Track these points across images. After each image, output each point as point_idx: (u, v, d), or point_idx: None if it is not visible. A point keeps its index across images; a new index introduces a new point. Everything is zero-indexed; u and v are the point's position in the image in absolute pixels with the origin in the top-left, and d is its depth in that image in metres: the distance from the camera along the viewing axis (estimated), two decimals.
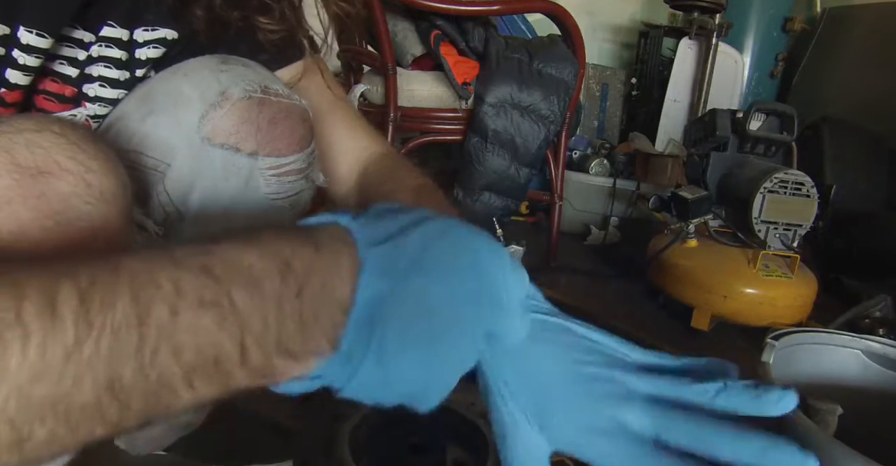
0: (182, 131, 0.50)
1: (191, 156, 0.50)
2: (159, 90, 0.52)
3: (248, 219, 0.53)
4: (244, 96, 0.50)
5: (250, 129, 0.50)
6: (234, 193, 0.52)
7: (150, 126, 0.50)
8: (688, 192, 1.40)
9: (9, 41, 0.44)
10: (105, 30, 0.52)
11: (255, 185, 0.52)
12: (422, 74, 1.53)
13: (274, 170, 0.52)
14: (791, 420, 0.61)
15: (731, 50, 2.49)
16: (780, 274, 1.33)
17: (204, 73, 0.52)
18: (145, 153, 0.50)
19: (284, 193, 0.54)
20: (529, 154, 1.53)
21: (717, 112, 1.46)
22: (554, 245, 1.73)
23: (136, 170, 0.50)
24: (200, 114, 0.50)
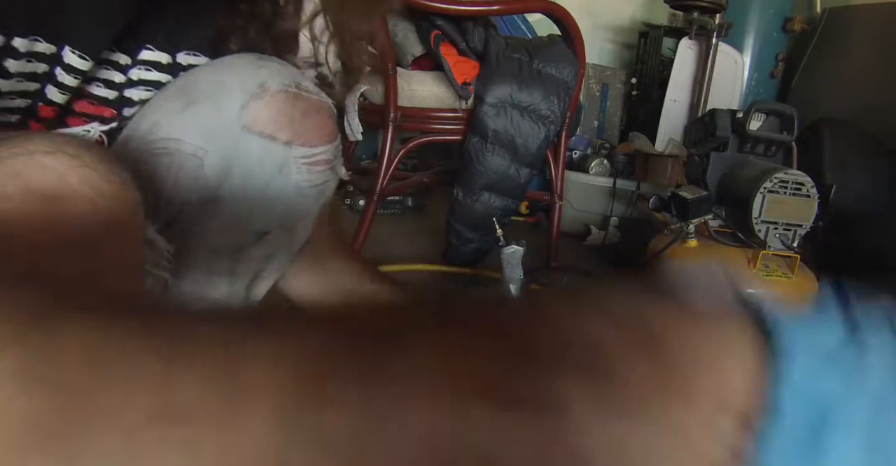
0: (222, 119, 0.52)
1: (230, 142, 0.53)
2: (199, 82, 0.54)
3: (277, 204, 0.56)
4: (282, 89, 0.53)
5: (286, 120, 0.53)
6: (268, 179, 0.54)
7: (191, 115, 0.52)
8: (688, 192, 1.40)
9: (54, 60, 0.46)
10: (144, 53, 0.54)
11: (288, 173, 0.55)
12: (422, 74, 1.53)
13: (306, 158, 0.55)
14: None
15: (731, 50, 2.49)
16: (780, 274, 1.33)
17: (244, 66, 0.54)
18: (185, 140, 0.52)
19: (313, 182, 0.57)
20: (529, 154, 1.53)
21: (717, 112, 1.46)
22: (554, 245, 1.73)
23: (174, 156, 0.52)
24: (241, 103, 0.52)
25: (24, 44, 0.43)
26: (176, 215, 0.54)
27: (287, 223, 0.59)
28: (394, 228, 1.98)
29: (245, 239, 0.57)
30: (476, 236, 1.60)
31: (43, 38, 0.44)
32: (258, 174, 0.54)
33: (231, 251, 0.57)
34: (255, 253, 0.59)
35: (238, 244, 0.57)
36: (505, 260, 1.24)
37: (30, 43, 0.44)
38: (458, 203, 1.57)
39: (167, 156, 0.52)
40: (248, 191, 0.54)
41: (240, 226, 0.56)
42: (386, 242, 1.80)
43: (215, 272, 0.59)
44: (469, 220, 1.58)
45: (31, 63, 0.45)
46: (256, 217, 0.56)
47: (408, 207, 2.19)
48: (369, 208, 1.52)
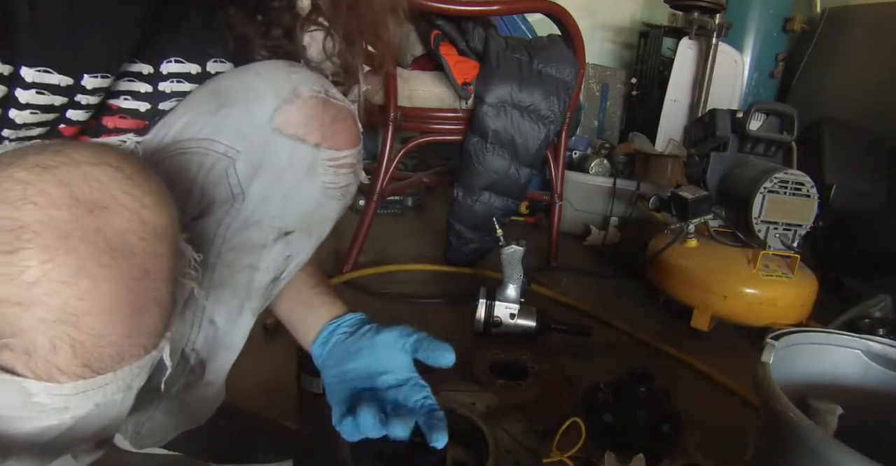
0: (255, 122, 0.55)
1: (261, 143, 0.55)
2: (231, 86, 0.56)
3: (303, 204, 0.59)
4: (313, 95, 0.56)
5: (316, 124, 0.56)
6: (296, 180, 0.57)
7: (223, 117, 0.55)
8: (688, 192, 1.40)
9: (74, 89, 0.47)
10: (174, 66, 0.56)
11: (315, 174, 0.58)
12: (422, 74, 1.53)
13: (333, 161, 0.58)
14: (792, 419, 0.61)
15: (731, 50, 2.49)
16: (780, 274, 1.33)
17: (276, 72, 0.57)
18: (218, 140, 0.55)
19: (338, 184, 0.60)
20: (529, 154, 1.53)
21: (717, 112, 1.46)
22: (554, 245, 1.73)
23: (206, 155, 0.55)
24: (274, 107, 0.55)
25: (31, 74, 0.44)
26: (204, 210, 0.56)
27: (310, 224, 0.61)
28: (394, 228, 1.98)
29: (269, 236, 0.59)
30: (476, 236, 1.60)
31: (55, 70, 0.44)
32: (286, 174, 0.56)
33: (254, 247, 0.59)
34: (277, 253, 0.61)
35: (262, 241, 0.59)
36: (505, 260, 1.24)
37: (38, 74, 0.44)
38: (458, 203, 1.57)
39: (199, 155, 0.55)
40: (275, 189, 0.57)
41: (265, 223, 0.58)
42: (386, 242, 1.80)
43: (237, 268, 0.61)
44: (469, 220, 1.58)
45: (45, 95, 0.46)
46: (282, 215, 0.58)
47: (408, 207, 2.19)
48: (369, 208, 1.52)
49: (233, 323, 0.64)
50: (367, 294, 1.42)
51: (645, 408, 0.94)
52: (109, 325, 0.37)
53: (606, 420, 0.94)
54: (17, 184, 0.35)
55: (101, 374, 0.38)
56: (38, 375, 0.36)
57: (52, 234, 0.34)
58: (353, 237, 1.53)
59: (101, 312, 0.36)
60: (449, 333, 1.27)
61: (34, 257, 0.34)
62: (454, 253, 1.62)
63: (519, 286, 1.25)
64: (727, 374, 1.16)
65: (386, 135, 1.48)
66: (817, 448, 0.58)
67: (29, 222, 0.34)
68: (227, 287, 0.61)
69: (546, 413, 0.94)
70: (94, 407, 0.40)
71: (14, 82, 0.44)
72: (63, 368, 0.37)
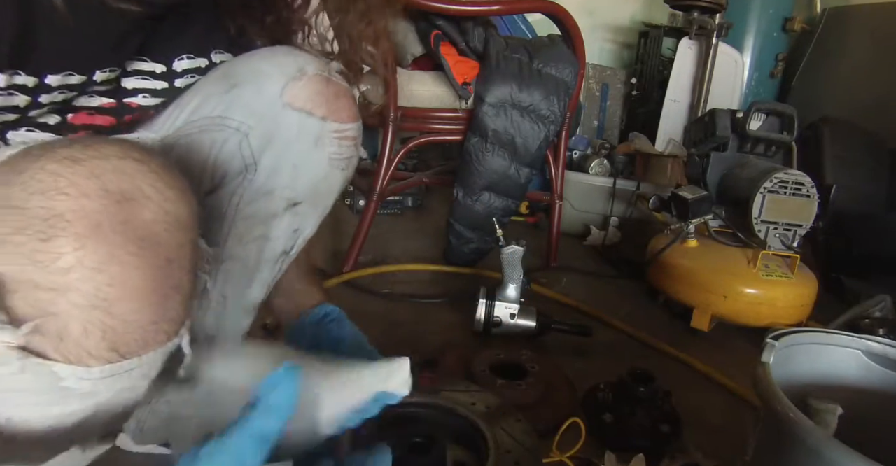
0: (265, 98, 0.59)
1: (272, 117, 0.59)
2: (241, 69, 0.60)
3: (311, 173, 0.62)
4: (317, 73, 0.61)
5: (322, 99, 0.61)
6: (304, 151, 0.61)
7: (235, 96, 0.59)
8: (688, 192, 1.40)
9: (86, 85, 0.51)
10: (185, 63, 0.60)
11: (322, 145, 0.62)
12: (422, 74, 1.53)
13: (337, 133, 0.62)
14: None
15: (731, 50, 2.49)
16: (780, 274, 1.33)
17: (282, 55, 0.62)
18: (230, 116, 0.59)
19: (342, 155, 0.64)
20: (529, 154, 1.53)
21: (717, 112, 1.46)
22: (554, 245, 1.73)
23: (221, 131, 0.59)
24: (283, 84, 0.59)
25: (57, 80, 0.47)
26: (218, 183, 0.60)
27: (316, 195, 0.65)
28: (394, 228, 1.98)
29: (280, 206, 0.62)
30: (476, 236, 1.60)
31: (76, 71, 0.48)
32: (296, 145, 0.61)
33: (266, 217, 0.62)
34: (286, 224, 0.64)
35: (273, 211, 0.62)
36: (505, 260, 1.24)
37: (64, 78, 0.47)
38: (458, 203, 1.57)
39: (213, 131, 0.59)
40: (285, 160, 0.61)
41: (275, 192, 0.61)
42: (386, 242, 1.80)
43: (250, 239, 0.64)
44: (469, 220, 1.58)
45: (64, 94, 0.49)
46: (291, 185, 0.62)
47: (408, 207, 2.19)
48: (369, 208, 1.52)
49: (242, 295, 0.66)
50: (367, 294, 1.42)
51: (645, 408, 0.94)
52: (137, 311, 0.38)
53: (606, 420, 0.94)
54: (49, 175, 0.36)
55: (127, 359, 0.39)
56: (69, 359, 0.37)
57: (85, 223, 0.36)
58: (353, 237, 1.53)
59: (131, 298, 0.38)
60: (449, 333, 1.27)
61: (68, 245, 0.35)
62: (454, 253, 1.62)
63: (519, 286, 1.25)
64: (727, 374, 1.16)
65: (386, 135, 1.48)
66: (817, 448, 0.58)
67: (62, 211, 0.36)
68: (239, 259, 0.64)
69: (546, 413, 0.94)
70: (116, 393, 0.41)
71: (38, 90, 0.47)
72: (93, 352, 0.38)
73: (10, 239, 0.35)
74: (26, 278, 0.35)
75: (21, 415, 0.39)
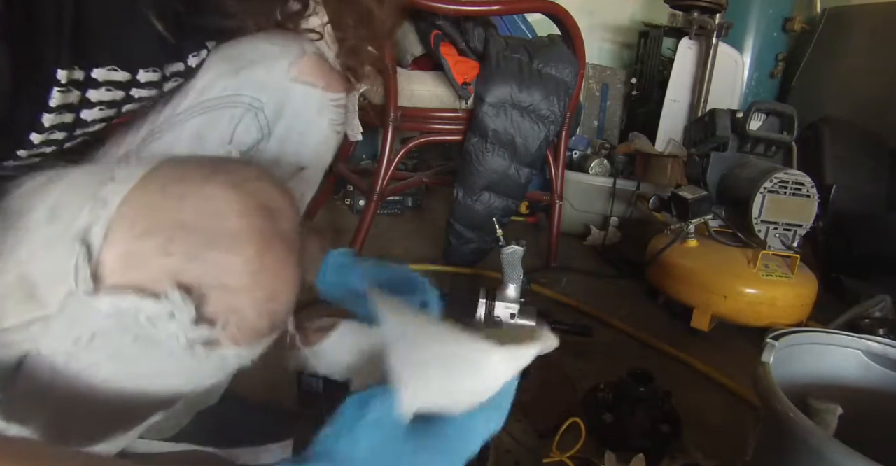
0: (274, 75, 0.66)
1: (282, 91, 0.66)
2: (247, 51, 0.66)
3: (315, 139, 0.70)
4: (314, 52, 0.69)
5: (321, 73, 0.68)
6: (309, 118, 0.69)
7: (245, 75, 0.65)
8: (688, 192, 1.40)
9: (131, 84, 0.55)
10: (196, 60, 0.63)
11: (323, 113, 0.70)
12: (422, 74, 1.53)
13: (335, 101, 0.70)
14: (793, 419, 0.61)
15: (731, 50, 2.49)
16: (780, 274, 1.33)
17: (283, 37, 0.69)
18: (242, 94, 0.65)
19: (339, 121, 0.72)
20: (529, 154, 1.53)
21: (717, 112, 1.46)
22: (554, 245, 1.73)
23: (236, 107, 0.65)
24: (289, 62, 0.66)
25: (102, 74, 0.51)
26: (238, 155, 0.66)
27: (318, 159, 0.72)
28: (394, 228, 1.98)
29: (289, 171, 0.69)
30: (476, 236, 1.60)
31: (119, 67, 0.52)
32: (302, 115, 0.68)
33: None
34: (294, 189, 0.68)
35: (282, 176, 0.67)
36: (505, 260, 1.24)
37: (108, 72, 0.52)
38: (458, 203, 1.57)
39: (228, 108, 0.64)
40: (293, 129, 0.68)
41: (286, 159, 0.68)
42: (386, 242, 1.80)
43: None
44: (469, 220, 1.58)
45: (111, 91, 0.53)
46: (299, 151, 0.69)
47: (408, 207, 2.19)
48: (369, 208, 1.52)
49: None
50: None
51: (645, 408, 0.94)
52: (290, 297, 0.48)
53: (606, 420, 0.94)
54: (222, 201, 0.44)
55: (273, 333, 0.49)
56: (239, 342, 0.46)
57: (259, 236, 0.45)
58: (353, 237, 1.53)
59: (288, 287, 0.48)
60: None
61: (254, 254, 0.44)
62: (454, 253, 1.62)
63: (519, 286, 1.24)
64: (727, 374, 1.16)
65: (386, 135, 1.48)
66: (817, 448, 0.58)
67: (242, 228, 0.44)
68: None
69: (546, 413, 0.94)
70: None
71: (88, 85, 0.50)
72: (262, 332, 0.48)
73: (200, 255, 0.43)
74: (219, 284, 0.44)
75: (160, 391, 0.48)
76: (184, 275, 0.43)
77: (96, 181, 0.45)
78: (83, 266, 0.42)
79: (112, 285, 0.42)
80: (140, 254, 0.43)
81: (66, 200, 0.46)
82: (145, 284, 0.42)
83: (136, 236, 0.43)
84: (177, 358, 0.44)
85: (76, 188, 0.47)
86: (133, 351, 0.44)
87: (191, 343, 0.44)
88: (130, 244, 0.43)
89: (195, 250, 0.43)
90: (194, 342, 0.44)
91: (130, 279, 0.42)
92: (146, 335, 0.43)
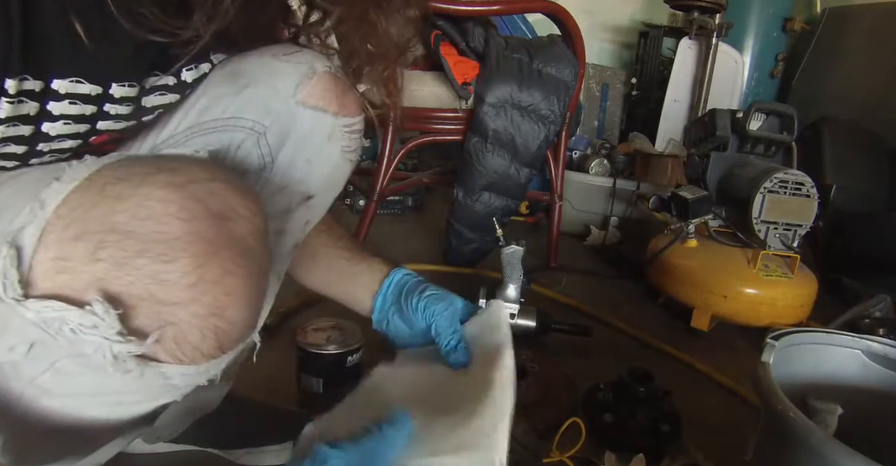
0: (279, 97, 0.60)
1: (287, 115, 0.61)
2: (251, 68, 0.61)
3: (324, 168, 0.65)
4: (325, 70, 0.62)
5: (332, 96, 0.62)
6: (318, 146, 0.63)
7: (248, 96, 0.60)
8: (688, 192, 1.40)
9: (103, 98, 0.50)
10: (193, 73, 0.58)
11: (334, 140, 0.64)
12: (422, 74, 1.53)
13: (348, 127, 0.65)
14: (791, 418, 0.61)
15: (731, 50, 2.49)
16: (780, 274, 1.33)
17: (291, 53, 0.63)
18: (244, 117, 0.59)
19: (352, 148, 0.67)
20: (529, 154, 1.53)
21: (717, 112, 1.46)
22: (554, 245, 1.73)
23: (235, 131, 0.59)
24: (296, 83, 0.61)
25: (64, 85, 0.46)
26: None
27: (328, 187, 0.67)
28: (394, 228, 1.98)
29: (293, 200, 0.64)
30: (476, 236, 1.60)
31: (86, 80, 0.47)
32: (309, 142, 0.62)
33: (282, 212, 0.64)
34: (299, 217, 0.66)
35: (288, 206, 0.64)
36: (505, 260, 1.24)
37: (71, 84, 0.47)
38: (458, 203, 1.57)
39: (228, 132, 0.59)
40: (299, 156, 0.63)
41: (291, 188, 0.63)
42: (386, 242, 1.80)
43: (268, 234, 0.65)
44: (469, 220, 1.58)
45: (77, 105, 0.48)
46: (305, 180, 0.64)
47: (408, 207, 2.19)
48: (369, 208, 1.52)
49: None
50: None
51: (645, 408, 0.94)
52: (243, 314, 0.44)
53: (606, 420, 0.94)
54: (158, 202, 0.41)
55: (224, 353, 0.45)
56: (182, 360, 0.43)
57: (201, 244, 0.41)
58: (353, 237, 1.53)
59: (240, 304, 0.44)
60: None
61: (190, 264, 0.40)
62: (454, 253, 1.62)
63: (519, 286, 1.24)
64: (727, 374, 1.16)
65: (386, 135, 1.48)
66: (817, 448, 0.58)
67: (179, 234, 0.40)
68: None
69: (546, 413, 0.94)
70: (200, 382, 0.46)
71: (46, 96, 0.46)
72: (205, 352, 0.43)
73: (129, 262, 0.39)
74: (149, 295, 0.40)
75: (112, 413, 0.45)
76: (112, 284, 0.39)
77: (43, 181, 0.43)
78: (10, 269, 0.39)
79: (42, 291, 0.39)
80: (70, 259, 0.39)
81: (10, 201, 0.43)
82: (73, 292, 0.39)
83: (68, 239, 0.40)
84: (107, 374, 0.41)
85: (24, 188, 0.44)
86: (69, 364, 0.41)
87: (118, 357, 0.40)
88: (62, 247, 0.40)
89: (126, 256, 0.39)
90: (122, 356, 0.40)
91: (60, 285, 0.39)
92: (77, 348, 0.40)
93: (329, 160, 0.65)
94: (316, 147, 0.63)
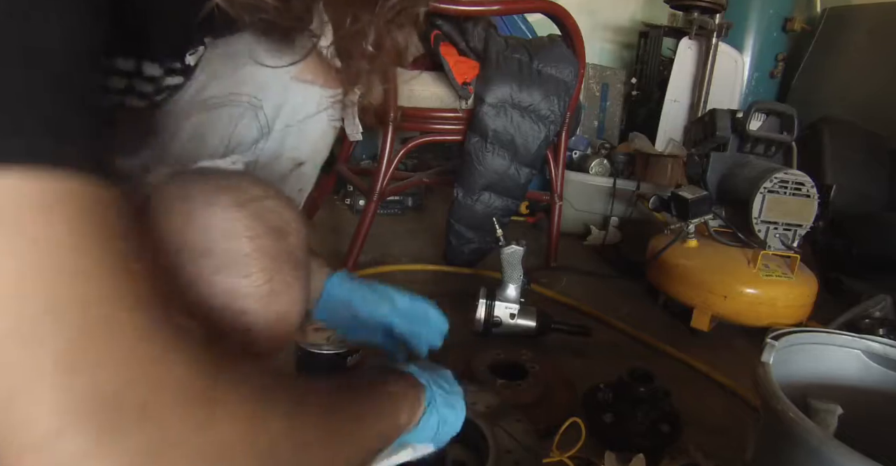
0: (275, 74, 0.66)
1: (281, 90, 0.67)
2: (243, 51, 0.65)
3: (313, 134, 0.72)
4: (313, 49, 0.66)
5: (320, 71, 0.70)
6: (308, 115, 0.70)
7: (245, 74, 0.65)
8: (688, 192, 1.40)
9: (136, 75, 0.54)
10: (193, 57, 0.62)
11: (323, 109, 0.71)
12: (422, 74, 1.53)
13: (332, 98, 0.72)
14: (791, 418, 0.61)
15: (731, 50, 2.49)
16: (780, 274, 1.33)
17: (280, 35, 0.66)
18: (241, 92, 0.65)
19: (335, 116, 0.74)
20: (529, 154, 1.53)
21: (717, 112, 1.46)
22: (554, 245, 1.73)
23: (235, 106, 0.65)
24: (287, 60, 0.65)
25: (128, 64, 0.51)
26: (233, 150, 0.67)
27: (315, 153, 0.73)
28: (394, 228, 1.98)
29: (286, 167, 0.70)
30: (476, 236, 1.60)
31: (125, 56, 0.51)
32: (301, 111, 0.69)
33: (276, 179, 0.69)
34: (292, 184, 0.72)
35: (282, 172, 0.69)
36: (505, 260, 1.24)
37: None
38: (458, 203, 1.57)
39: (227, 107, 0.65)
40: (292, 125, 0.69)
41: (285, 155, 0.69)
42: (386, 242, 1.80)
43: None
44: (469, 220, 1.58)
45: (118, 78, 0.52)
46: (297, 146, 0.70)
47: (408, 207, 2.19)
48: (369, 208, 1.52)
49: None
50: None
51: (645, 408, 0.94)
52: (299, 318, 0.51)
53: (606, 420, 0.94)
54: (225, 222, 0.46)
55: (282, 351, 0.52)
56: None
57: (267, 259, 0.46)
58: (353, 237, 1.53)
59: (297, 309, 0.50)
60: (449, 333, 1.27)
61: (262, 277, 0.46)
62: (454, 253, 1.62)
63: (519, 286, 1.25)
64: (727, 374, 1.16)
65: (386, 135, 1.48)
66: (817, 448, 0.58)
67: (249, 251, 0.46)
68: None
69: (546, 413, 0.94)
70: None
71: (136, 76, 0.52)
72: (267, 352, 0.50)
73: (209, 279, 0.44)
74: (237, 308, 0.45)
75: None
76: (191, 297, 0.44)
77: None
78: None
79: None
80: None
81: None
82: None
83: None
84: None
85: None
86: None
87: None
88: None
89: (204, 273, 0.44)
90: None
91: None
92: None
93: (318, 127, 0.72)
94: (307, 116, 0.70)
